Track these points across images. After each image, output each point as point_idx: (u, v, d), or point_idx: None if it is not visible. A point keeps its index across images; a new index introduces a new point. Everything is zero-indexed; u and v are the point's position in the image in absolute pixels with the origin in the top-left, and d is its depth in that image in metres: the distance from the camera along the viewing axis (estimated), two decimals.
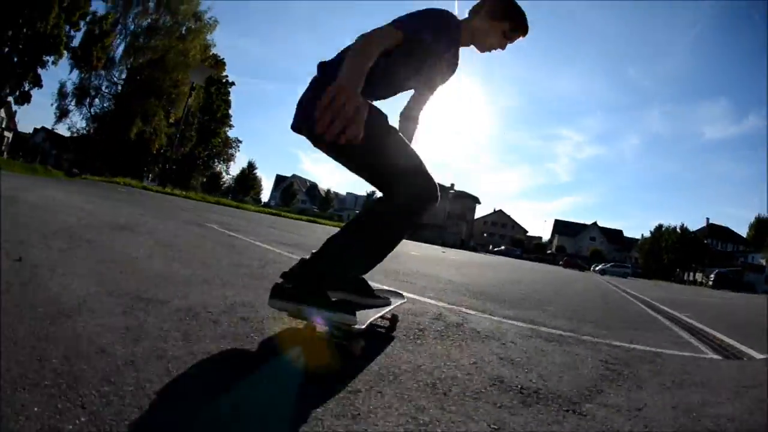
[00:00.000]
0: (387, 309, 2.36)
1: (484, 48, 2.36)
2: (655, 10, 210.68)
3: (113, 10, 38.77)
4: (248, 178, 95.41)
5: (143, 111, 41.75)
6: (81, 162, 43.69)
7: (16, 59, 25.42)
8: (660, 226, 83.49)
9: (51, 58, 26.85)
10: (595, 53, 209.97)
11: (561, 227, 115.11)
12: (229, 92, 71.26)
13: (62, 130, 48.12)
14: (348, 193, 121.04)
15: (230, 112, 73.55)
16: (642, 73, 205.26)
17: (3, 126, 58.38)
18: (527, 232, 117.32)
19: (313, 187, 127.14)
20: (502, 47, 2.37)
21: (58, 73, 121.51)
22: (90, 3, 28.81)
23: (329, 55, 2.20)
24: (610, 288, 14.34)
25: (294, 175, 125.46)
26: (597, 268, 51.95)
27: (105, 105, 44.81)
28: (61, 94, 41.35)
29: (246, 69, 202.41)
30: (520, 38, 2.38)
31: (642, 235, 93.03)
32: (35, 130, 58.90)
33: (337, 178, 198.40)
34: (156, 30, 42.28)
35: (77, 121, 53.89)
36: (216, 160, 78.10)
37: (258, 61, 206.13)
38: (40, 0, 23.25)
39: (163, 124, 44.21)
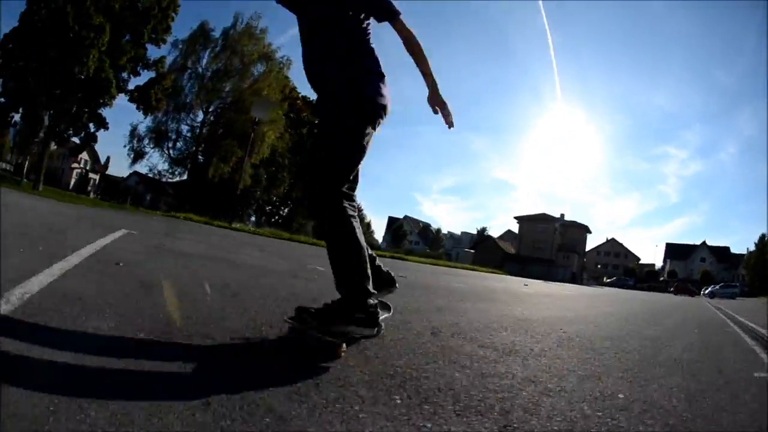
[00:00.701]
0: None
1: None
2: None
3: (178, 57, 40.93)
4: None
5: (222, 152, 42.45)
6: (177, 204, 45.73)
7: (73, 100, 26.27)
8: (763, 236, 75.14)
9: (104, 100, 27.39)
10: (680, 60, 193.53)
11: (672, 251, 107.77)
12: None
13: (161, 173, 50.22)
14: (463, 233, 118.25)
15: None
16: (727, 74, 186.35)
17: (88, 168, 62.43)
18: (639, 259, 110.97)
19: (426, 227, 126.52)
20: None
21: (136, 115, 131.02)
22: (143, 47, 29.09)
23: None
24: (713, 317, 11.72)
25: (406, 217, 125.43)
26: (706, 292, 50.02)
27: (184, 147, 46.82)
28: (133, 137, 44.39)
29: None
30: None
31: (747, 249, 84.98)
32: (129, 174, 61.99)
33: (453, 219, 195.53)
34: (227, 73, 43.72)
35: (158, 163, 56.08)
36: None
37: None
38: (75, 46, 23.82)
39: (246, 165, 44.20)
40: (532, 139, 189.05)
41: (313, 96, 2.64)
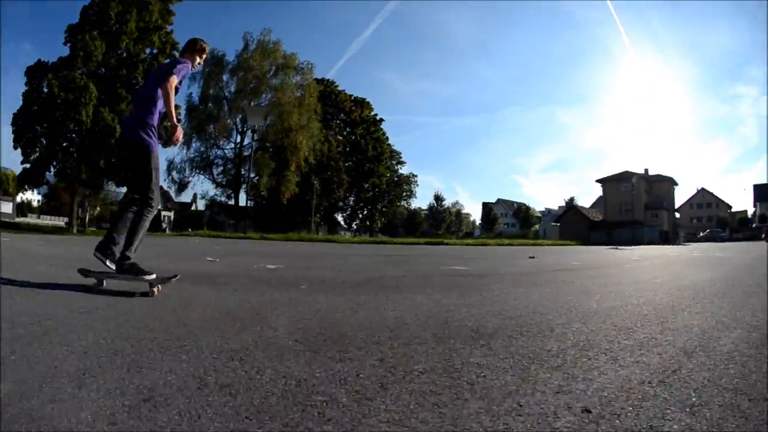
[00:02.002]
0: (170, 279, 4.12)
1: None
2: None
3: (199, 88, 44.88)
4: (437, 211, 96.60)
5: (259, 167, 44.61)
6: (256, 226, 48.26)
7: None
8: None
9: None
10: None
11: (760, 193, 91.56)
12: (380, 129, 72.67)
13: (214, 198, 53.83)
14: (560, 207, 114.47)
15: (390, 149, 75.83)
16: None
17: (161, 207, 67.78)
18: (731, 207, 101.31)
19: (519, 207, 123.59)
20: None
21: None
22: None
23: None
24: None
25: (498, 200, 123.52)
26: None
27: (232, 169, 49.44)
28: (170, 170, 46.56)
29: (438, 109, 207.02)
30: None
31: None
32: (207, 206, 66.51)
33: (557, 196, 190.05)
34: (247, 91, 46.35)
35: (209, 189, 59.08)
36: (388, 199, 79.35)
37: (444, 99, 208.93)
38: (69, 107, 26.78)
39: (291, 175, 46.15)
40: (613, 100, 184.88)
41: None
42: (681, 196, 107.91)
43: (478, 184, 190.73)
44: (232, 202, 52.98)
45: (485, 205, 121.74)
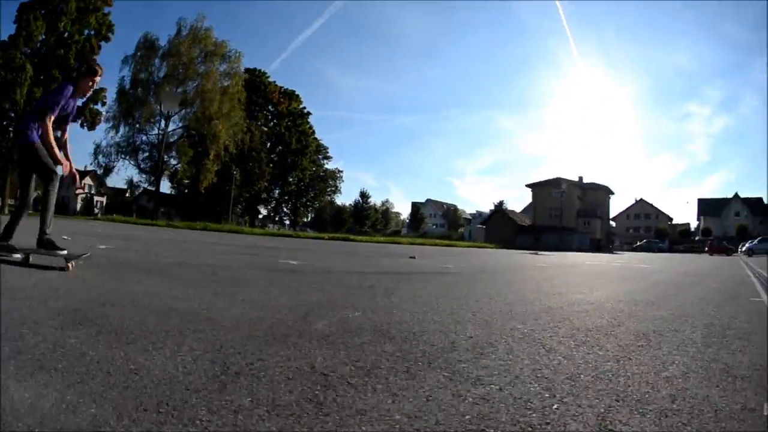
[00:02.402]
0: (81, 256, 5.47)
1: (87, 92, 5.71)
2: None
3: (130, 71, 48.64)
4: (362, 208, 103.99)
5: (180, 155, 49.31)
6: (180, 214, 53.57)
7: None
8: None
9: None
10: (690, 17, 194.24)
11: (705, 207, 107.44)
12: (306, 123, 79.04)
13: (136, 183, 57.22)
14: (477, 211, 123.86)
15: (317, 143, 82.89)
16: (737, 27, 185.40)
17: (93, 192, 71.67)
18: (671, 219, 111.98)
19: (449, 209, 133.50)
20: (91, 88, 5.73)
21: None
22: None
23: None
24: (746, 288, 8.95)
25: (428, 200, 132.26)
26: (743, 249, 48.72)
27: (151, 156, 53.05)
28: (97, 154, 49.60)
29: (380, 107, 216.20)
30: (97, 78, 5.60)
31: None
32: (139, 193, 69.42)
33: (492, 199, 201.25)
34: (175, 78, 50.19)
35: (132, 175, 62.02)
36: (313, 193, 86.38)
37: (386, 97, 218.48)
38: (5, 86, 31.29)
39: (210, 164, 50.92)
40: (557, 108, 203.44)
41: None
42: (619, 206, 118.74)
43: (413, 183, 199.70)
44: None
45: (414, 205, 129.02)
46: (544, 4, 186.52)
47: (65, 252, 5.25)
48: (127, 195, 70.90)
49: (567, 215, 78.62)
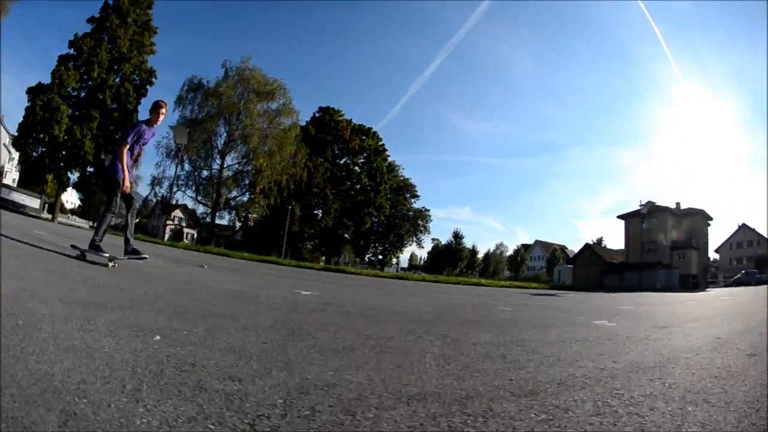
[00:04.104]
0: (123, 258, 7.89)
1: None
2: None
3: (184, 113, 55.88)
4: (455, 250, 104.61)
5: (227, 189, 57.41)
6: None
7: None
8: None
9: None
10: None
11: None
12: (381, 160, 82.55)
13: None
14: None
15: (397, 180, 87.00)
16: None
17: (183, 224, 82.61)
18: None
19: (555, 250, 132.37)
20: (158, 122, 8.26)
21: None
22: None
23: None
24: None
25: (536, 241, 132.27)
26: None
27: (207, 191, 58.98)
28: (153, 185, 57.19)
29: (502, 150, 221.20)
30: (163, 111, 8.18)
31: None
32: (237, 230, 78.43)
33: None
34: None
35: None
36: (398, 233, 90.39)
37: (508, 140, 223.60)
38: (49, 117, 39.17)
39: (258, 198, 57.01)
40: (668, 136, 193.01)
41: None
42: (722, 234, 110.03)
43: (539, 227, 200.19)
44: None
45: (519, 247, 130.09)
46: (641, 28, 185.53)
47: (107, 255, 7.68)
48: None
49: (661, 248, 74.24)
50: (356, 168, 79.52)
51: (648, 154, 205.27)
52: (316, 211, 72.01)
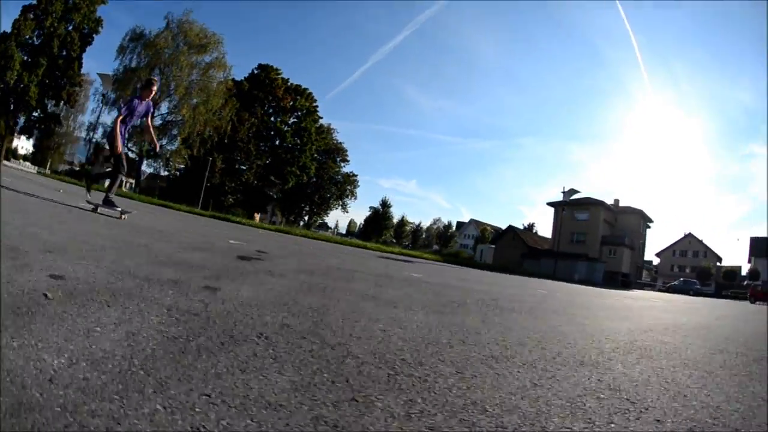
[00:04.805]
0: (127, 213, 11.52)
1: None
2: None
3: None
4: (382, 218, 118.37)
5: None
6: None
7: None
8: None
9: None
10: (753, 55, 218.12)
11: (757, 247, 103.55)
12: (311, 121, 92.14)
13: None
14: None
15: (326, 142, 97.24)
16: None
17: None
18: (720, 260, 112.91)
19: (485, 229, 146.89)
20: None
21: None
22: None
23: None
24: None
25: (471, 220, 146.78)
26: None
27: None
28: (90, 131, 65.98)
29: (455, 129, 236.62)
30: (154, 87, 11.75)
31: None
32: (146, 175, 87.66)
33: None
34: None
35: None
36: (322, 195, 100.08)
37: (462, 120, 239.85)
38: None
39: (180, 148, 67.78)
40: (628, 140, 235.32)
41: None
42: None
43: (484, 208, 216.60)
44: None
45: (459, 224, 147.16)
46: (619, 34, 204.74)
47: (120, 209, 10.60)
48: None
49: (590, 241, 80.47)
50: (284, 126, 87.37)
51: (603, 153, 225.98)
52: (239, 166, 79.76)
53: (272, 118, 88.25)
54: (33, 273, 3.44)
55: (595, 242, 79.93)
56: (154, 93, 11.63)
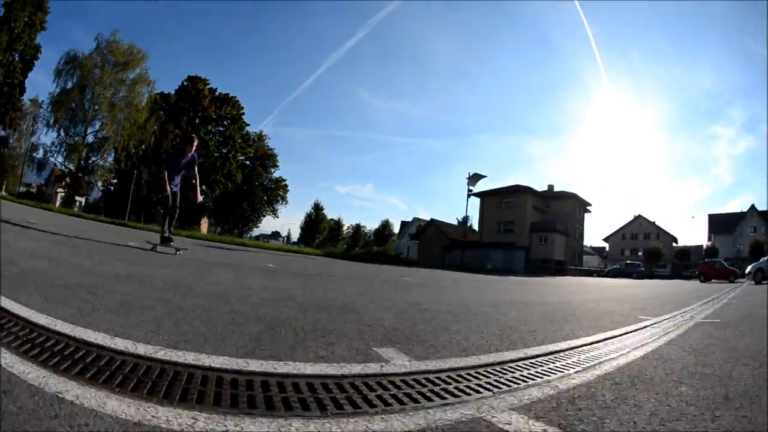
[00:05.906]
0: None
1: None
2: None
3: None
4: (315, 222, 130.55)
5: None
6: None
7: None
8: None
9: None
10: (715, 35, 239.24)
11: (716, 224, 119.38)
12: (237, 129, 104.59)
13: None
14: None
15: (249, 149, 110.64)
16: (758, 44, 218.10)
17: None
18: (676, 240, 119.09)
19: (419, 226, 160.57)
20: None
21: None
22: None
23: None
24: None
25: (414, 218, 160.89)
26: (750, 270, 42.18)
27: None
28: (32, 151, 78.53)
29: (409, 130, 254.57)
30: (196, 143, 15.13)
31: None
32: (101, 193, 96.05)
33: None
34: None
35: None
36: (252, 201, 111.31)
37: (416, 120, 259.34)
38: None
39: (109, 165, 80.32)
40: (586, 133, 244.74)
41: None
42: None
43: (441, 208, 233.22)
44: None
45: (403, 224, 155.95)
46: (574, 26, 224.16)
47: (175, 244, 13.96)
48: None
49: (519, 229, 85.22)
50: (208, 136, 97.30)
51: (561, 146, 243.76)
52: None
53: (198, 129, 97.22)
54: None
55: (523, 230, 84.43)
56: (194, 148, 14.82)
